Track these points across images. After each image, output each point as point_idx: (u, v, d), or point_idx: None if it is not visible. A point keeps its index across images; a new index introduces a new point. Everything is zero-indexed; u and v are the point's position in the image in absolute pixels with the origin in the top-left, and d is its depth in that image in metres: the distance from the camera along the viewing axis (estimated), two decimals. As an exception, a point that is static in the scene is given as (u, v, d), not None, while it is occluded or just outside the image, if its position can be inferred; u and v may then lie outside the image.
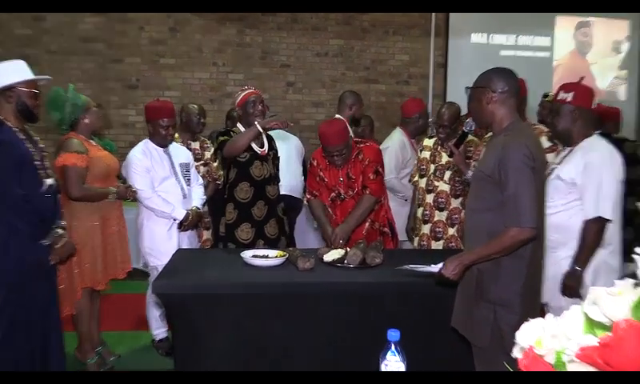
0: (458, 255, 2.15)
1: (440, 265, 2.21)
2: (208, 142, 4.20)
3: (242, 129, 3.51)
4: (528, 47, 6.70)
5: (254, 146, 3.49)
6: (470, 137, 3.55)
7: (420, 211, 3.68)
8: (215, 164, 4.05)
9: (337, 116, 4.15)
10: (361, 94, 6.45)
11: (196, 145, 4.09)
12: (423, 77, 6.66)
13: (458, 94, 5.20)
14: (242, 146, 3.27)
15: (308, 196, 3.43)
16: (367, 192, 3.29)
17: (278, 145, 3.71)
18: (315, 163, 3.39)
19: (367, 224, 3.37)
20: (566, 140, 2.64)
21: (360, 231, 3.31)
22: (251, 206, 3.47)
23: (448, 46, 6.61)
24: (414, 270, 2.42)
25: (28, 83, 2.59)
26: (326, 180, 3.32)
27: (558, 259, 2.54)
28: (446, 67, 6.63)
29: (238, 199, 3.48)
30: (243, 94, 3.50)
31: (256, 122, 3.26)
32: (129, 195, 3.35)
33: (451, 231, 3.58)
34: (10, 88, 2.55)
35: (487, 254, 2.07)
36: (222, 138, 3.40)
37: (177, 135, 4.02)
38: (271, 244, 3.40)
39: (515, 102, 2.17)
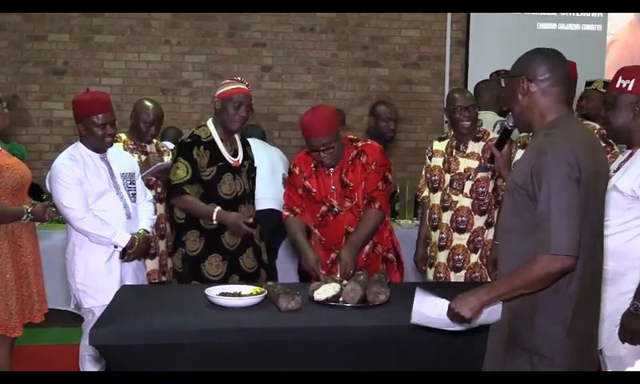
0: (475, 289, 2.17)
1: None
2: (166, 145, 4.21)
3: (213, 129, 3.55)
4: (574, 18, 6.77)
5: (225, 154, 3.53)
6: (494, 134, 3.60)
7: (437, 235, 3.71)
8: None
9: None
10: (358, 80, 6.61)
11: (152, 148, 4.09)
12: (438, 58, 6.73)
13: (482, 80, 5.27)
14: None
15: (285, 213, 3.45)
16: (376, 206, 3.31)
17: (258, 153, 3.74)
18: (297, 171, 3.41)
19: (367, 247, 3.40)
20: (624, 140, 2.69)
21: (358, 257, 3.33)
22: (221, 232, 3.49)
23: (470, 18, 6.68)
24: (427, 323, 2.34)
25: None
26: (314, 191, 3.34)
27: (616, 294, 2.57)
28: (467, 46, 6.71)
29: (203, 225, 3.50)
30: (230, 87, 3.56)
31: (216, 211, 3.42)
32: (48, 216, 3.32)
33: (474, 258, 3.61)
34: None
35: (512, 288, 2.07)
36: (181, 146, 3.45)
37: (124, 136, 4.03)
38: (249, 279, 3.41)
39: (563, 93, 2.19)
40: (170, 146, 4.35)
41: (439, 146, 3.81)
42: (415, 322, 2.32)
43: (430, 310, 2.31)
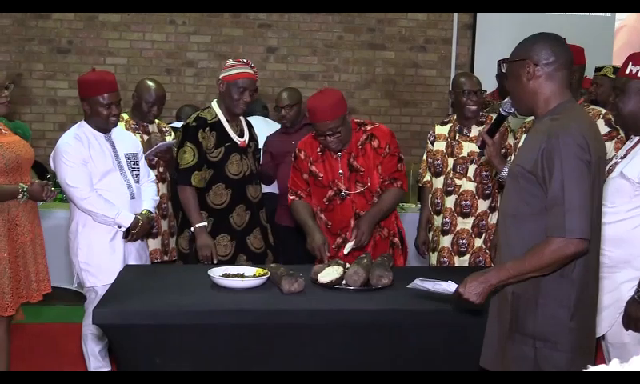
0: (482, 272, 2.17)
1: (452, 284, 2.22)
2: (167, 125, 4.21)
3: (218, 110, 3.56)
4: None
5: (232, 135, 3.54)
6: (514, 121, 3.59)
7: (440, 219, 3.71)
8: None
9: None
10: (364, 63, 6.58)
11: (154, 128, 4.10)
12: (444, 41, 6.70)
13: (489, 64, 5.27)
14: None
15: (291, 197, 3.45)
16: (398, 185, 3.36)
17: (261, 131, 3.74)
18: (303, 156, 3.40)
19: (377, 232, 3.40)
20: (632, 126, 2.67)
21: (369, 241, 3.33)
22: (229, 212, 3.51)
23: (477, 1, 6.65)
24: (425, 288, 2.40)
25: None
26: (321, 175, 3.33)
27: (619, 282, 2.57)
28: (474, 29, 6.68)
29: (212, 205, 3.53)
30: (235, 71, 3.55)
31: (197, 225, 3.47)
32: (45, 196, 3.31)
33: (478, 242, 3.61)
34: None
35: (522, 271, 2.07)
36: (187, 130, 3.47)
37: (126, 116, 4.02)
38: (256, 260, 3.44)
39: (566, 77, 2.19)
40: (177, 125, 4.35)
41: (442, 130, 3.80)
42: (411, 286, 2.42)
43: (429, 285, 2.38)
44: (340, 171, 3.33)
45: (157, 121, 4.20)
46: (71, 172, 3.39)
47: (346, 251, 3.18)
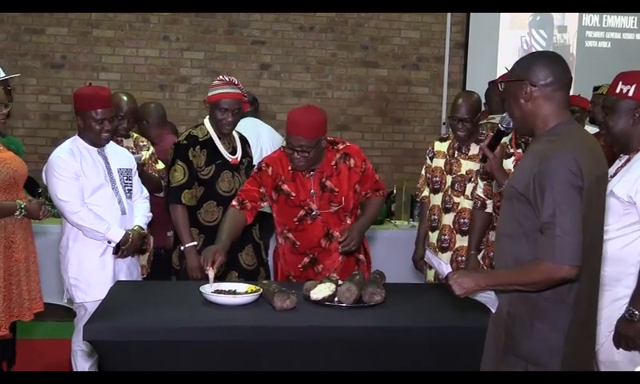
0: (476, 271, 2.19)
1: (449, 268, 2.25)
2: (144, 139, 4.17)
3: (210, 127, 3.58)
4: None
5: (223, 152, 3.55)
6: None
7: (435, 236, 3.71)
8: (159, 166, 4.07)
9: None
10: (357, 80, 6.60)
11: (129, 143, 4.04)
12: (437, 60, 6.74)
13: (481, 83, 5.29)
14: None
15: (234, 203, 3.28)
16: (380, 194, 3.43)
17: (258, 142, 3.74)
18: (270, 172, 3.27)
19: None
20: (622, 145, 2.68)
21: (335, 261, 3.30)
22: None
23: (469, 20, 6.70)
24: (431, 260, 2.55)
25: None
26: (293, 195, 3.26)
27: (611, 300, 2.58)
28: (467, 47, 6.72)
29: (203, 222, 3.54)
30: (218, 91, 3.56)
31: (187, 245, 3.52)
32: (42, 214, 3.31)
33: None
34: None
35: (509, 282, 2.11)
36: (178, 148, 3.49)
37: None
38: (248, 276, 3.42)
39: (565, 97, 2.19)
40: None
41: (440, 146, 3.80)
42: (425, 256, 2.55)
43: (436, 261, 2.52)
44: (312, 191, 3.25)
45: (135, 135, 4.15)
46: (63, 186, 3.38)
47: (316, 296, 2.87)
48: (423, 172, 3.91)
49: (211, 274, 2.89)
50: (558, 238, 1.99)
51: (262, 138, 4.90)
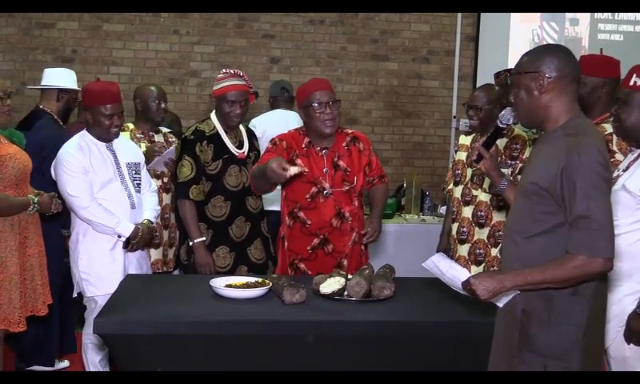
0: (498, 272, 2.16)
1: (466, 272, 2.16)
2: (173, 137, 4.20)
3: (217, 122, 3.57)
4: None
5: (230, 147, 3.54)
6: (519, 131, 3.57)
7: (455, 228, 3.72)
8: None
9: None
10: (367, 74, 6.58)
11: (160, 138, 4.07)
12: (447, 53, 6.71)
13: (492, 76, 5.26)
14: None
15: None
16: (385, 181, 3.53)
17: (273, 130, 3.73)
18: (284, 145, 3.33)
19: (354, 234, 3.39)
20: (635, 139, 2.66)
21: (345, 243, 3.34)
22: (228, 224, 3.51)
23: (480, 13, 6.65)
24: (438, 270, 2.29)
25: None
26: (306, 171, 3.29)
27: (621, 296, 2.56)
28: (477, 41, 6.68)
29: (211, 217, 3.53)
30: (224, 84, 3.56)
31: (196, 240, 3.51)
32: (54, 208, 3.32)
33: (494, 252, 3.61)
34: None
35: (540, 281, 2.04)
36: (185, 143, 3.49)
37: (131, 126, 4.00)
38: (257, 271, 3.43)
39: (576, 91, 2.18)
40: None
41: (465, 140, 3.81)
42: (425, 265, 2.31)
43: (444, 266, 2.26)
44: (325, 169, 3.33)
45: (164, 130, 4.18)
46: (72, 181, 3.39)
47: (326, 290, 2.84)
48: (450, 165, 3.97)
49: (294, 169, 2.93)
50: (594, 231, 1.98)
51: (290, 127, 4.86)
